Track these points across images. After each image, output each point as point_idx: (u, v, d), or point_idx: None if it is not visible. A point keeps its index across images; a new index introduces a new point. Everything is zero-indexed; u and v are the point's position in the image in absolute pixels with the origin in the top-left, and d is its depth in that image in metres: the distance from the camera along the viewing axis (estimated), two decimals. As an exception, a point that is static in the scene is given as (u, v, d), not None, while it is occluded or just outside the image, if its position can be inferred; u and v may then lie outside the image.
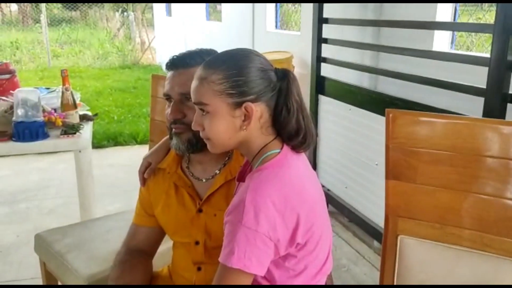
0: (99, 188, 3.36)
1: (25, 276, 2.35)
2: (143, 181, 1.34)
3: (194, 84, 1.00)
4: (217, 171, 1.24)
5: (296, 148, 1.03)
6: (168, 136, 1.36)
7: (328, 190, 3.04)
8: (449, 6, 2.26)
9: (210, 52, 1.21)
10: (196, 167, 1.28)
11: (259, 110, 0.98)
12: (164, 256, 1.54)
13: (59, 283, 1.75)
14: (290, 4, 4.60)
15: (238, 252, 0.90)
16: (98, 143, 4.49)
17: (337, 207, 2.95)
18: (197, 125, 1.01)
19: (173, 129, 1.18)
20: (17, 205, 3.23)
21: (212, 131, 0.99)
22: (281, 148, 1.00)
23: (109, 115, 5.53)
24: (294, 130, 1.00)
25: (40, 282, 1.90)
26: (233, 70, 0.97)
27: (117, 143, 4.65)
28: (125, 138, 4.71)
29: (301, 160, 1.04)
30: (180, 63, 1.17)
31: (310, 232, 0.97)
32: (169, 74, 1.19)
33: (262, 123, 0.99)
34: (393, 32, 2.53)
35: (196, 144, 1.17)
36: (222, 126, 0.98)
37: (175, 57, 1.19)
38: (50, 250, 1.68)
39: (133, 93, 7.02)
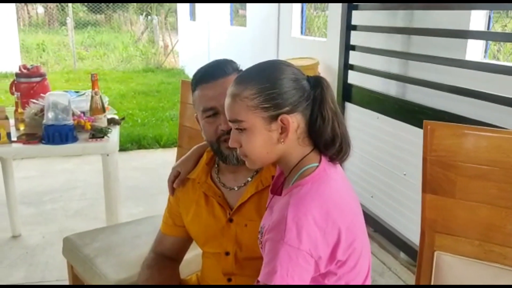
0: (123, 191, 3.38)
1: (51, 277, 2.38)
2: (172, 190, 1.33)
3: (227, 101, 0.99)
4: (249, 179, 1.23)
5: (333, 159, 1.01)
6: (199, 145, 1.36)
7: (353, 199, 2.99)
8: (483, 14, 2.21)
9: (232, 62, 1.21)
10: (227, 176, 1.26)
11: (296, 121, 0.96)
12: (190, 263, 1.54)
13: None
14: (312, 9, 4.58)
15: (281, 271, 0.88)
16: (122, 146, 4.52)
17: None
18: (234, 142, 0.99)
19: (225, 142, 1.14)
20: (43, 206, 3.27)
21: (249, 147, 0.97)
22: (319, 162, 0.98)
23: (133, 118, 5.58)
24: (330, 138, 0.98)
25: (66, 284, 1.91)
26: (265, 83, 0.95)
27: (140, 146, 4.68)
28: (149, 141, 4.75)
29: (339, 173, 1.02)
30: (218, 72, 1.15)
31: (351, 248, 0.94)
32: (203, 87, 1.16)
33: (299, 134, 0.98)
34: (423, 40, 2.48)
35: None
36: (260, 141, 0.96)
37: (207, 70, 1.18)
38: (78, 254, 1.69)
39: (156, 96, 7.08)
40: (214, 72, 1.16)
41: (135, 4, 16.55)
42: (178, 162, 1.36)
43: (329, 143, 0.98)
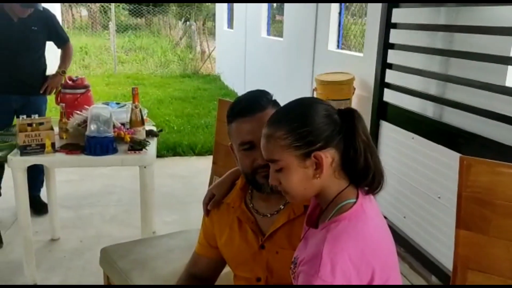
0: (157, 198, 3.47)
1: (86, 282, 2.46)
2: (207, 212, 1.37)
3: (262, 142, 1.03)
4: (282, 206, 1.25)
5: (367, 191, 1.02)
6: (233, 170, 1.39)
7: (385, 218, 2.96)
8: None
9: (264, 95, 1.23)
10: (260, 203, 1.29)
11: (330, 156, 0.99)
12: (221, 280, 1.57)
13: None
14: (349, 16, 4.56)
15: None
16: (158, 153, 4.58)
17: (394, 236, 2.84)
18: (274, 180, 1.03)
19: (261, 173, 1.18)
20: (82, 210, 3.39)
21: (287, 185, 1.01)
22: (356, 197, 1.00)
23: (169, 124, 5.69)
24: (362, 169, 1.00)
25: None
26: (295, 122, 0.99)
27: (175, 154, 4.77)
28: (184, 148, 4.83)
29: (374, 208, 1.03)
30: (255, 107, 1.19)
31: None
32: (240, 121, 1.19)
33: (334, 168, 1.00)
34: (462, 62, 2.45)
35: None
36: (296, 179, 0.99)
37: (244, 104, 1.21)
38: (114, 266, 1.75)
39: (192, 103, 7.20)
40: (251, 106, 1.19)
41: (174, 8, 16.92)
42: (213, 185, 1.40)
43: (362, 174, 1.00)
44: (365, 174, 1.00)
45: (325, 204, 1.03)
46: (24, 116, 2.27)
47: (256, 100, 1.20)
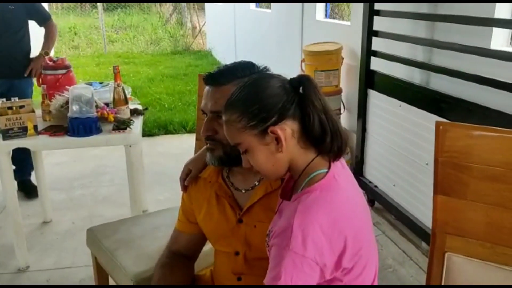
0: (150, 176, 3.47)
1: (79, 263, 2.48)
2: (184, 187, 1.36)
3: (224, 129, 1.03)
4: (257, 183, 1.24)
5: (330, 157, 1.00)
6: None
7: (375, 186, 2.98)
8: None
9: (245, 67, 1.18)
10: (237, 176, 1.28)
11: (288, 127, 0.97)
12: (207, 256, 1.57)
13: (109, 277, 1.82)
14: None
15: (285, 277, 0.90)
16: (149, 131, 4.61)
17: (384, 204, 2.89)
18: (245, 163, 1.04)
19: (207, 144, 1.21)
20: (74, 192, 3.39)
21: (256, 165, 1.01)
22: (328, 168, 0.99)
23: (160, 102, 5.65)
24: (319, 134, 0.98)
25: (92, 270, 1.99)
26: (245, 103, 0.98)
27: (167, 131, 4.75)
28: (175, 126, 4.81)
29: (349, 179, 1.02)
30: (213, 81, 1.17)
31: (357, 256, 0.96)
32: (205, 88, 1.19)
33: (297, 138, 0.99)
34: (448, 26, 2.41)
35: (227, 161, 1.20)
36: (262, 157, 0.99)
37: (210, 73, 1.19)
38: (100, 246, 1.75)
39: (183, 80, 7.13)
40: (211, 79, 1.17)
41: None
42: (189, 160, 1.39)
43: (319, 139, 0.98)
44: (322, 139, 0.98)
45: (297, 175, 1.02)
46: (4, 99, 2.23)
47: (216, 75, 1.16)
